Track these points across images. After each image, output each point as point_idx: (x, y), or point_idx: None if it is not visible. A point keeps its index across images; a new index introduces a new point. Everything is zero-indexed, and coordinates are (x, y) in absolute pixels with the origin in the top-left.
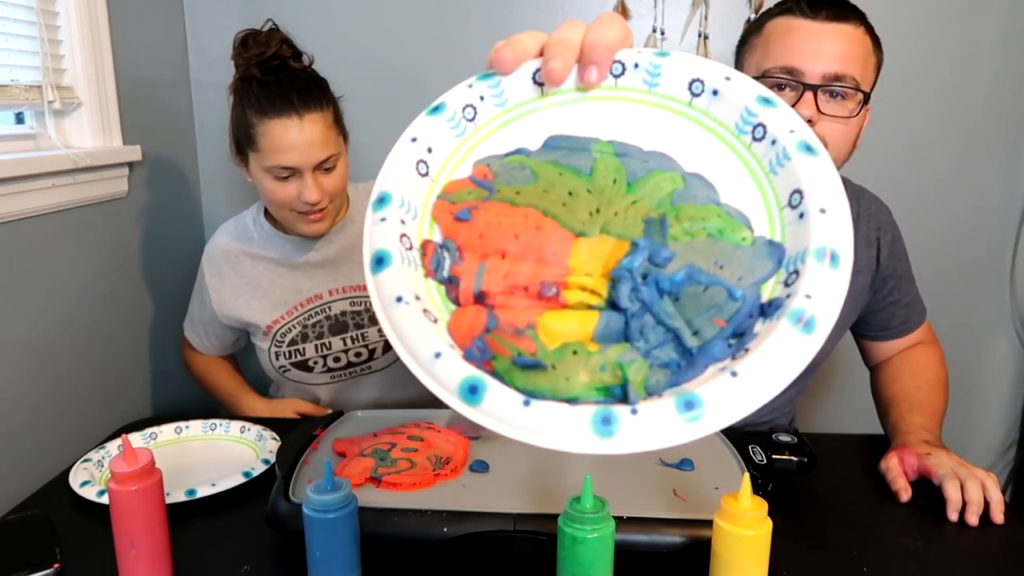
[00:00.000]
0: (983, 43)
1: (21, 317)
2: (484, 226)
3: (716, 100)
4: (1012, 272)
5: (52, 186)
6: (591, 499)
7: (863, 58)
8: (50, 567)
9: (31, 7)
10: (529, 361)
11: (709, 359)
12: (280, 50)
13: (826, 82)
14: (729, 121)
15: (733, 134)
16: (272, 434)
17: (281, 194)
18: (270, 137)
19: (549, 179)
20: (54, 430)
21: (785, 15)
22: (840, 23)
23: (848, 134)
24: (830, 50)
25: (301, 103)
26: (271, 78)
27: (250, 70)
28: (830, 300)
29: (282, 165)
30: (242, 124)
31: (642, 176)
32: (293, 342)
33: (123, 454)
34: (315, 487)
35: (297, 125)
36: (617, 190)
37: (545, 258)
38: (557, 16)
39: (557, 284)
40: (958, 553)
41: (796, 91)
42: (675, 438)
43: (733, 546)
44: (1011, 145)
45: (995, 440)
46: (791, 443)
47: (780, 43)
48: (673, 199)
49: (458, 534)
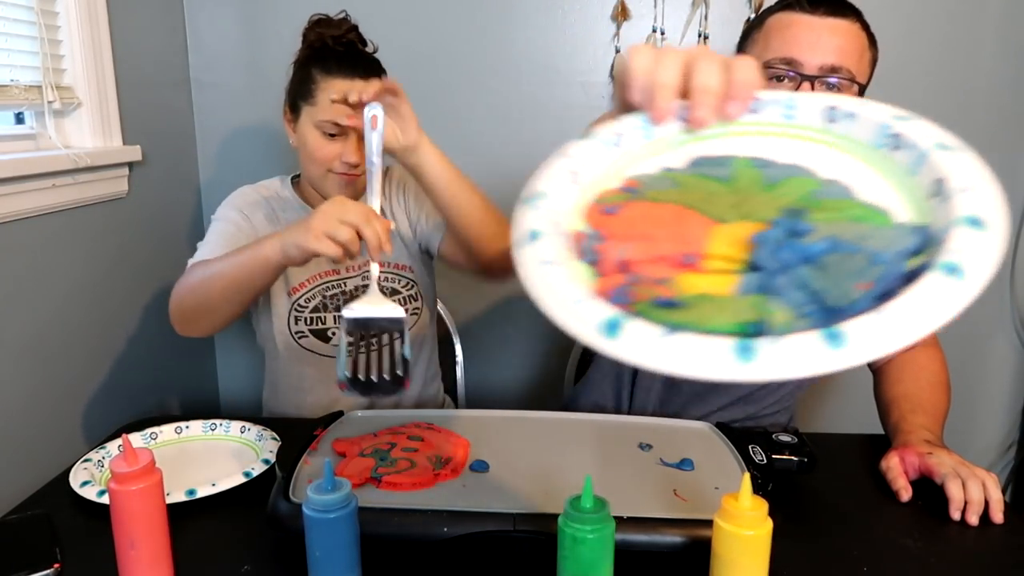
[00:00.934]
0: (983, 43)
1: (21, 317)
2: (629, 217)
3: (853, 122)
4: (1012, 272)
5: (52, 186)
6: (591, 499)
7: (859, 52)
8: (50, 567)
9: (31, 7)
10: (667, 301)
11: (855, 314)
12: (348, 35)
13: (823, 73)
14: (866, 138)
15: (869, 148)
16: (272, 434)
17: (324, 151)
18: (330, 92)
19: (691, 184)
20: (54, 430)
21: (785, 11)
22: (837, 18)
23: None
24: (828, 43)
25: (364, 72)
26: (341, 48)
27: (323, 40)
28: (979, 253)
29: (335, 120)
30: (305, 80)
31: (780, 180)
32: (316, 309)
33: (123, 454)
34: (315, 487)
35: (360, 86)
36: (756, 189)
37: (686, 239)
38: (557, 15)
39: (697, 255)
40: (958, 553)
41: (795, 81)
42: (817, 366)
43: (733, 546)
44: (1011, 145)
45: (995, 440)
46: (791, 443)
47: (780, 36)
48: (811, 196)
49: (458, 534)
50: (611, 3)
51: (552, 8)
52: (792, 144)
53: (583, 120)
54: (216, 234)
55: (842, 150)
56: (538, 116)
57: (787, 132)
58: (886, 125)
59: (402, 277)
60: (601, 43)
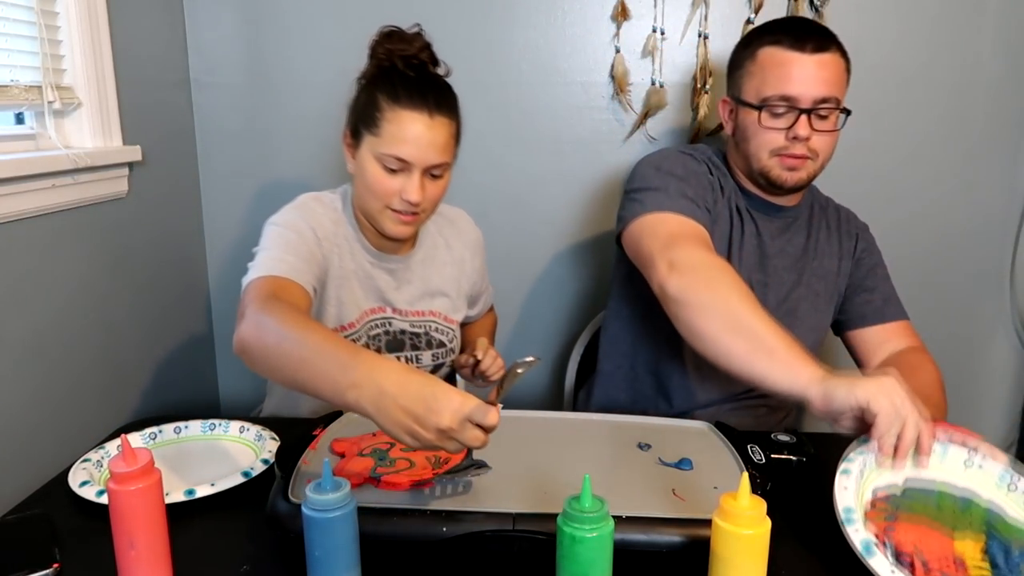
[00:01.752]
0: (983, 44)
1: (21, 317)
2: (904, 527)
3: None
4: (1012, 272)
5: (52, 186)
6: (590, 498)
7: (841, 80)
8: (49, 567)
9: (31, 7)
10: None
11: None
12: (420, 54)
13: (815, 105)
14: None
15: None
16: (272, 434)
17: (384, 185)
18: (396, 124)
19: (923, 503)
20: (54, 430)
21: (775, 46)
22: (823, 53)
23: (833, 142)
24: (817, 78)
25: (435, 104)
26: (412, 72)
27: (392, 60)
28: None
29: (398, 156)
30: (370, 105)
31: (966, 503)
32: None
33: (122, 454)
34: (315, 487)
35: (427, 122)
36: (956, 509)
37: (947, 547)
38: (557, 15)
39: (962, 560)
40: None
41: (793, 114)
42: None
43: (732, 545)
44: (1011, 146)
45: (995, 440)
46: (790, 442)
47: (775, 74)
48: (989, 515)
49: (458, 533)
50: (611, 3)
51: (552, 8)
52: (947, 474)
53: (583, 120)
54: (279, 239)
55: (977, 483)
56: (538, 116)
57: (946, 468)
58: (1006, 472)
59: (450, 330)
60: (601, 43)
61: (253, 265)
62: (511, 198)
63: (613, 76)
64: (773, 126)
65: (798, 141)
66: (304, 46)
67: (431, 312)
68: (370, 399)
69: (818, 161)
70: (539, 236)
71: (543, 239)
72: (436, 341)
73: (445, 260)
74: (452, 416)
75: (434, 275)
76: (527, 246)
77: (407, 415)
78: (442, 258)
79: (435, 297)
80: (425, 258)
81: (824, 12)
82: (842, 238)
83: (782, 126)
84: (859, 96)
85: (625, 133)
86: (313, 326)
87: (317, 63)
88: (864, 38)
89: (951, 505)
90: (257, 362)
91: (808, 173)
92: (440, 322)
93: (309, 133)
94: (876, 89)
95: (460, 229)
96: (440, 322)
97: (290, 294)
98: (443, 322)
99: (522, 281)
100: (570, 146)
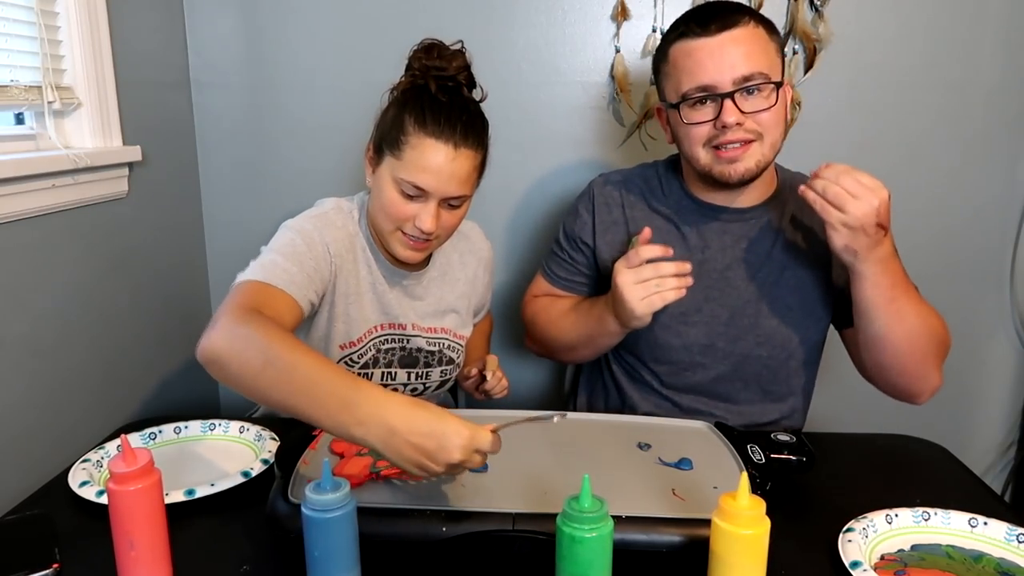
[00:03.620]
0: (983, 44)
1: (21, 317)
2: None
3: (987, 528)
4: (1012, 272)
5: (52, 186)
6: (590, 498)
7: (762, 50)
8: (49, 567)
9: (31, 7)
10: None
11: None
12: (459, 75)
13: (737, 86)
14: (999, 535)
15: (1003, 542)
16: (271, 434)
17: (399, 209)
18: (419, 152)
19: (933, 558)
20: (54, 430)
21: (682, 39)
22: (732, 29)
23: (777, 117)
24: (731, 58)
25: (462, 135)
26: (444, 97)
27: (427, 79)
28: None
29: (416, 184)
30: (396, 126)
31: (977, 556)
32: (365, 365)
33: (122, 454)
34: (314, 487)
35: (450, 154)
36: (969, 563)
37: None
38: (557, 15)
39: None
40: None
41: (716, 103)
42: None
43: (731, 545)
44: (1011, 145)
45: (995, 440)
46: (790, 442)
47: (686, 66)
48: (1001, 564)
49: (458, 534)
50: (611, 3)
51: (552, 8)
52: (954, 538)
53: (583, 120)
54: (288, 245)
55: (984, 542)
56: (538, 116)
57: (952, 532)
58: (1008, 531)
59: (459, 347)
60: (601, 43)
61: (253, 264)
62: (511, 198)
63: (613, 76)
64: (697, 119)
65: (728, 128)
66: (304, 46)
67: (443, 329)
68: (378, 437)
69: (765, 143)
70: (539, 236)
71: (543, 239)
72: (447, 359)
73: (458, 277)
74: (463, 452)
75: (448, 293)
76: (527, 246)
77: (418, 452)
78: (455, 275)
79: (447, 314)
80: (439, 275)
81: (824, 12)
82: (820, 239)
83: (708, 117)
84: (859, 96)
85: (625, 133)
86: (302, 351)
87: (317, 63)
88: (864, 38)
89: (962, 556)
90: (232, 379)
91: (755, 160)
92: (452, 339)
93: (309, 133)
94: (876, 89)
95: (474, 245)
96: (452, 339)
97: (276, 309)
98: (454, 339)
99: (522, 281)
100: (570, 146)
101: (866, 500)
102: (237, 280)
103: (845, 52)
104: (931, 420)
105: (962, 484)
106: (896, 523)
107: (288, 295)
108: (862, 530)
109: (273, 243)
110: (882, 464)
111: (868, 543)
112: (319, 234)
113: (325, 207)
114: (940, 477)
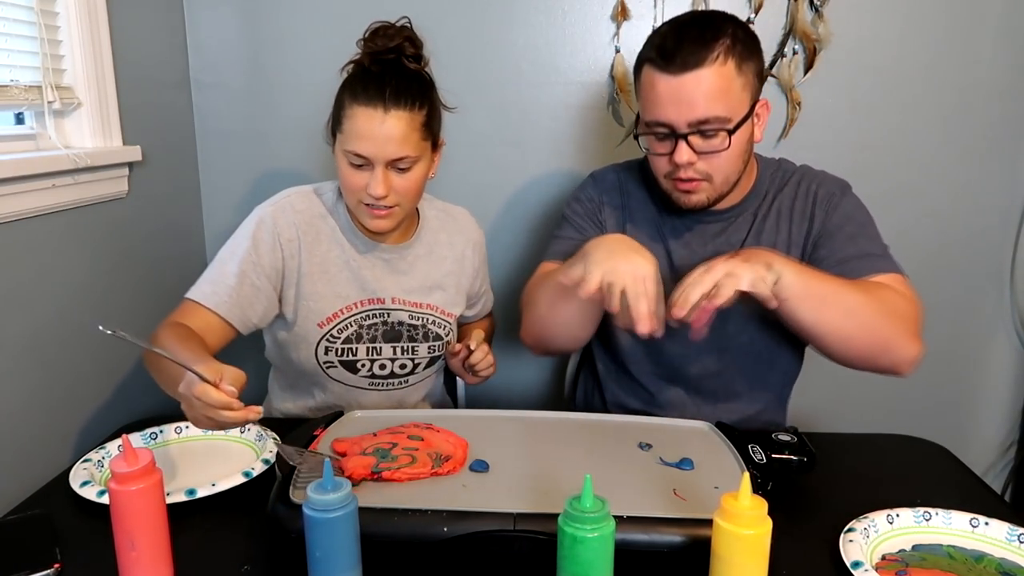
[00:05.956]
0: (983, 44)
1: (21, 317)
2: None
3: (988, 528)
4: (1012, 272)
5: (52, 186)
6: (591, 498)
7: (724, 91)
8: (50, 567)
9: (31, 7)
10: None
11: None
12: (400, 45)
13: (692, 129)
14: (1000, 536)
15: (1004, 540)
16: (272, 434)
17: (351, 180)
18: (352, 122)
19: (934, 558)
20: (54, 430)
21: (649, 65)
22: (694, 70)
23: (730, 159)
24: (689, 100)
25: (391, 98)
26: (377, 68)
27: (363, 58)
28: None
29: (355, 152)
30: (337, 105)
31: (979, 557)
32: (348, 340)
33: (123, 454)
34: (315, 487)
35: (379, 118)
36: (970, 563)
37: None
38: (557, 15)
39: None
40: None
41: (672, 140)
42: None
43: (733, 545)
44: (1011, 145)
45: (995, 440)
46: (791, 442)
47: (649, 97)
48: (1002, 564)
49: (458, 534)
50: (611, 3)
51: (552, 8)
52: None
53: (583, 120)
54: (236, 253)
55: (985, 542)
56: (538, 116)
57: (953, 532)
58: (1010, 531)
59: (447, 324)
60: (601, 43)
61: (202, 277)
62: (511, 198)
63: (613, 76)
64: (659, 151)
65: (680, 167)
66: (304, 46)
67: (429, 305)
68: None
69: (715, 183)
70: (537, 235)
71: (542, 238)
72: (433, 334)
73: (445, 255)
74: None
75: (434, 269)
76: (527, 246)
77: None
78: (442, 253)
79: (434, 290)
80: (425, 253)
81: (824, 12)
82: (792, 229)
83: (667, 150)
84: (860, 96)
85: (624, 133)
86: (168, 345)
87: (317, 63)
88: (864, 38)
89: (963, 557)
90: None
91: (707, 196)
92: (438, 315)
93: (309, 133)
94: (876, 89)
95: (462, 226)
96: (438, 315)
97: (201, 323)
98: (441, 315)
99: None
100: (570, 146)
101: (867, 500)
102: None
103: (845, 52)
104: (931, 420)
105: (962, 484)
106: (897, 523)
107: (215, 315)
108: (863, 530)
109: (227, 246)
110: (882, 464)
111: (869, 543)
112: (272, 221)
113: (282, 196)
114: (940, 477)
